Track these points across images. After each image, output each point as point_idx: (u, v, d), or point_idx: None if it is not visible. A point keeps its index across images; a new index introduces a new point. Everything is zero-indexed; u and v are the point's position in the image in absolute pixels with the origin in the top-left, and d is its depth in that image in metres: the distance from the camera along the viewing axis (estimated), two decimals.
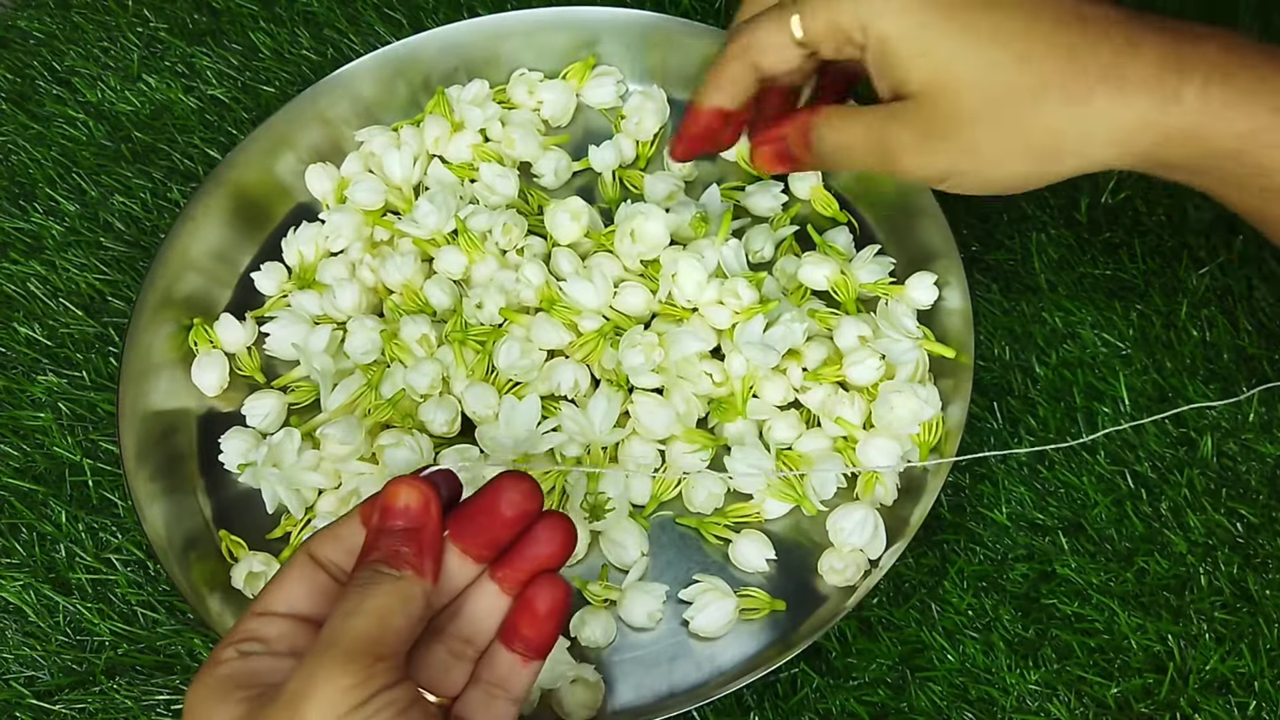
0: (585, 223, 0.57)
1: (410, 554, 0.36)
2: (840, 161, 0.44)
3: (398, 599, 0.35)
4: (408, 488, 0.36)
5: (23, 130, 0.67)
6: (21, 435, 0.57)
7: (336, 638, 0.33)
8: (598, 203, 0.61)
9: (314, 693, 0.32)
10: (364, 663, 0.33)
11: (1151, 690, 0.48)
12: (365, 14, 0.69)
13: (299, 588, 0.37)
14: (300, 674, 0.33)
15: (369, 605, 0.34)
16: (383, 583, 0.35)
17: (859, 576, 0.50)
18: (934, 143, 0.40)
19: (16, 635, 0.52)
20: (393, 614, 0.34)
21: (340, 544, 0.38)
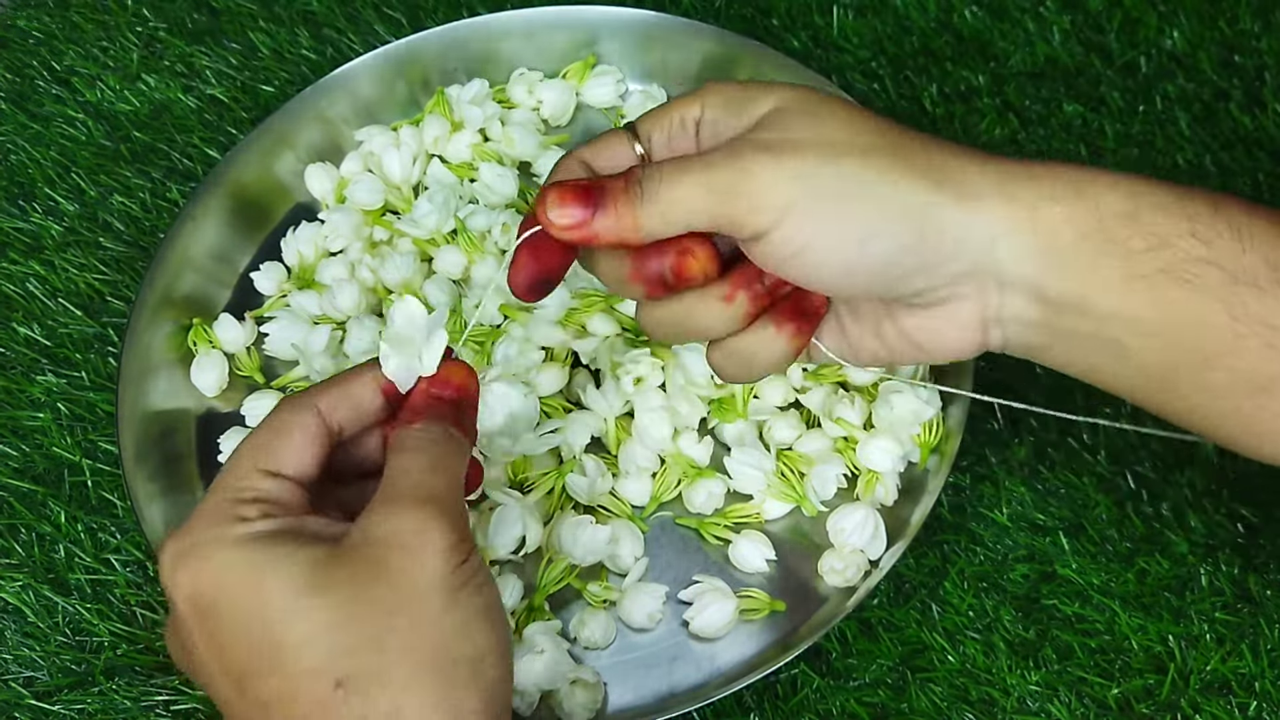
0: None
1: (466, 420, 0.38)
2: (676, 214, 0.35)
3: (462, 461, 0.36)
4: (466, 370, 0.38)
5: (22, 130, 0.67)
6: (20, 435, 0.57)
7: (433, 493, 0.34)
8: None
9: (430, 542, 0.33)
10: (460, 521, 0.34)
11: (1152, 691, 0.48)
12: (364, 13, 0.69)
13: (310, 450, 0.36)
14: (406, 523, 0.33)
15: (450, 464, 0.36)
16: (455, 443, 0.36)
17: (859, 577, 0.50)
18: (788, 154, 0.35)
19: (15, 636, 0.52)
20: (460, 476, 0.36)
21: (355, 408, 0.38)
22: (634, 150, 0.39)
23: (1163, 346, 0.35)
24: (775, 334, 0.38)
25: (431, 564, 0.33)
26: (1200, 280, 0.34)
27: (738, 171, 0.35)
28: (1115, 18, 0.66)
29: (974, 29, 0.67)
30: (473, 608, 0.34)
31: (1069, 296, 0.35)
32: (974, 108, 0.64)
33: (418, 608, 0.33)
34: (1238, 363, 0.34)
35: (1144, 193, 0.35)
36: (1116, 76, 0.64)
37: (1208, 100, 0.63)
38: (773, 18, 0.68)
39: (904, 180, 0.35)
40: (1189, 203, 0.35)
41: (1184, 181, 0.60)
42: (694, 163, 0.36)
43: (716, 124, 0.38)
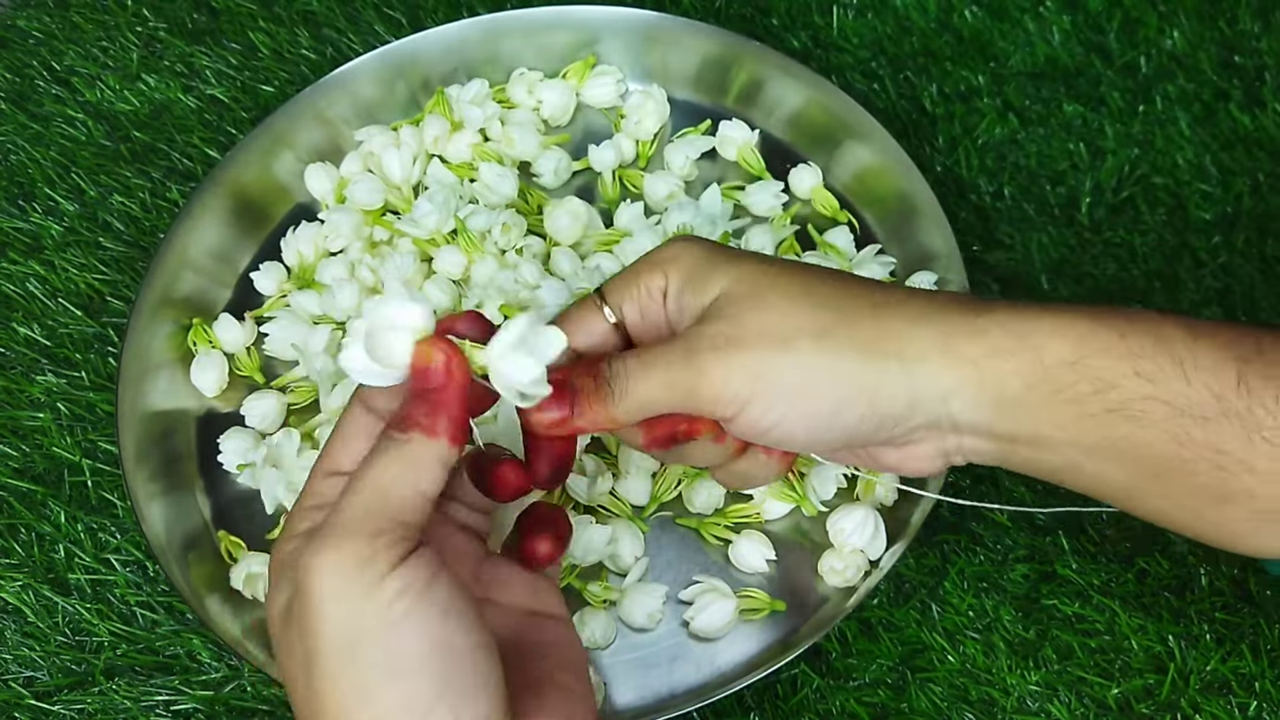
0: (585, 223, 0.57)
1: (422, 415, 0.34)
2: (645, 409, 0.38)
3: (401, 466, 0.33)
4: (432, 348, 0.34)
5: (22, 130, 0.67)
6: (20, 435, 0.57)
7: (333, 517, 0.32)
8: (597, 202, 0.61)
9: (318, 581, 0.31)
10: (362, 541, 0.32)
11: (1152, 691, 0.48)
12: (364, 13, 0.69)
13: (358, 442, 0.36)
14: (302, 559, 0.32)
15: (367, 478, 0.33)
16: (387, 450, 0.34)
17: (859, 577, 0.50)
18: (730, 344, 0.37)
19: (15, 636, 0.52)
20: (395, 484, 0.33)
21: (389, 391, 0.36)
22: (607, 321, 0.41)
23: (1119, 469, 0.36)
24: (765, 459, 0.41)
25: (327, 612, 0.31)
26: (1146, 416, 0.35)
27: (695, 372, 0.37)
28: (1115, 18, 0.66)
29: (974, 29, 0.67)
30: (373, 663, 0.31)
31: (1022, 434, 0.37)
32: (974, 108, 0.64)
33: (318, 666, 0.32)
34: (1190, 482, 0.36)
35: (1087, 336, 0.36)
36: (1116, 76, 0.64)
37: (1208, 100, 0.63)
38: (772, 17, 0.68)
39: (853, 362, 0.37)
40: (1133, 338, 0.36)
41: (1184, 181, 0.60)
42: (656, 362, 0.37)
43: (680, 296, 0.40)
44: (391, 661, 0.31)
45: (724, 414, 0.37)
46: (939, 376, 0.37)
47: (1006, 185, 0.61)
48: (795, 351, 0.37)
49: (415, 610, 0.32)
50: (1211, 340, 0.35)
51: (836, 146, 0.60)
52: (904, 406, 0.37)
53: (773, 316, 0.37)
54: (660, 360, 0.37)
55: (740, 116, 0.62)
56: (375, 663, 0.31)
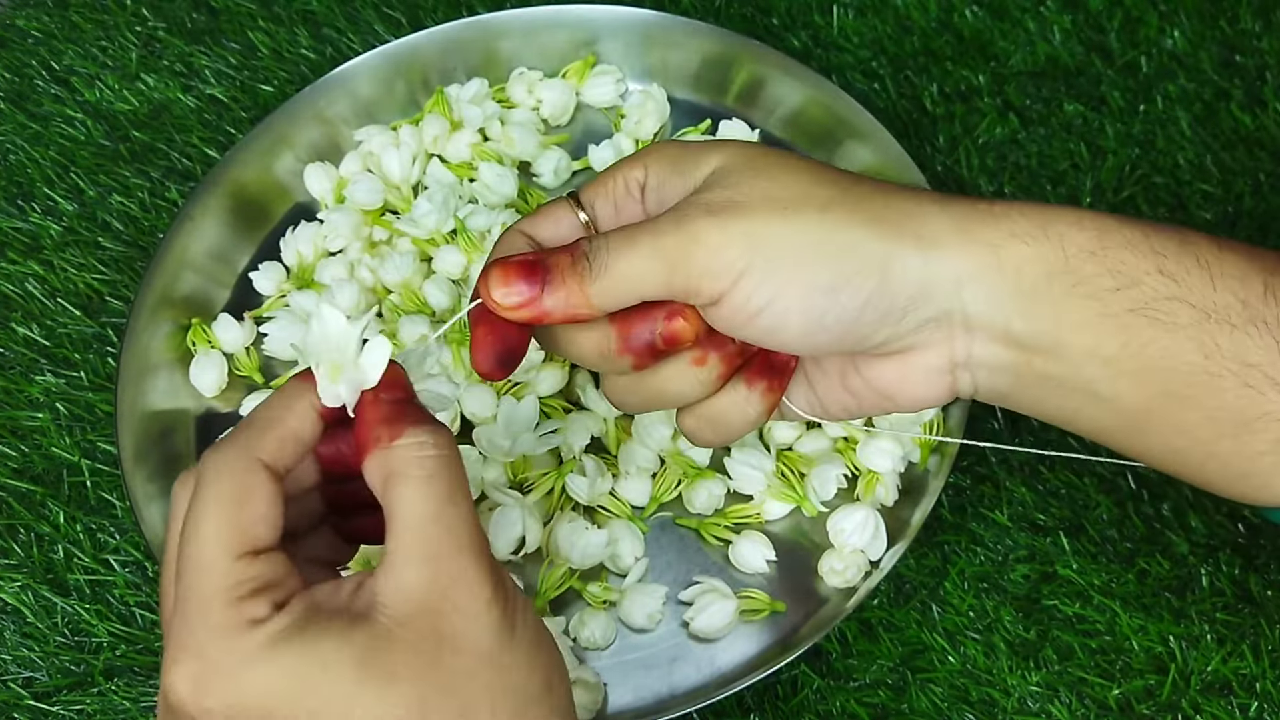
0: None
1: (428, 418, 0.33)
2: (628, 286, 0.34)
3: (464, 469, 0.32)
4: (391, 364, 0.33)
5: (21, 130, 0.67)
6: (19, 435, 0.57)
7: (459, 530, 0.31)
8: None
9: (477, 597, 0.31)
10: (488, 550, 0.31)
11: (1153, 691, 0.48)
12: (364, 13, 0.69)
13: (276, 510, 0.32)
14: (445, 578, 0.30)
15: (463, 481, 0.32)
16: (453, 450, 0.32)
17: (860, 578, 0.50)
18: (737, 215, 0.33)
19: (14, 636, 0.52)
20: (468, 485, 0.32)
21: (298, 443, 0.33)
22: (578, 219, 0.38)
23: (1137, 387, 0.34)
24: (747, 393, 0.37)
25: (486, 619, 0.30)
26: (1171, 319, 0.33)
27: (687, 238, 0.33)
28: (1116, 17, 0.66)
29: (974, 29, 0.67)
30: (528, 642, 0.31)
31: (1040, 338, 0.34)
32: (974, 107, 0.64)
33: (486, 670, 0.30)
34: (1214, 402, 0.33)
35: (1110, 230, 0.34)
36: (1117, 76, 0.64)
37: (1209, 100, 0.63)
38: (773, 17, 0.68)
39: (862, 230, 0.34)
40: (1156, 239, 0.34)
41: (1185, 181, 0.60)
42: (642, 231, 0.34)
43: (662, 187, 0.37)
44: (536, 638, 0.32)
45: (713, 289, 0.33)
46: (954, 259, 0.33)
47: (1007, 185, 0.61)
48: (799, 217, 0.33)
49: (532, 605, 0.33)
50: (1236, 251, 0.33)
51: (837, 146, 0.60)
52: (914, 288, 0.33)
53: (774, 185, 0.34)
54: (646, 229, 0.34)
55: (740, 116, 0.62)
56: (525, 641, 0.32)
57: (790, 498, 0.51)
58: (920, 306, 0.34)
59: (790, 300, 0.33)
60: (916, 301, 0.34)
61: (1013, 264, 0.34)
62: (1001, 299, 0.34)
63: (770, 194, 0.34)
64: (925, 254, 0.34)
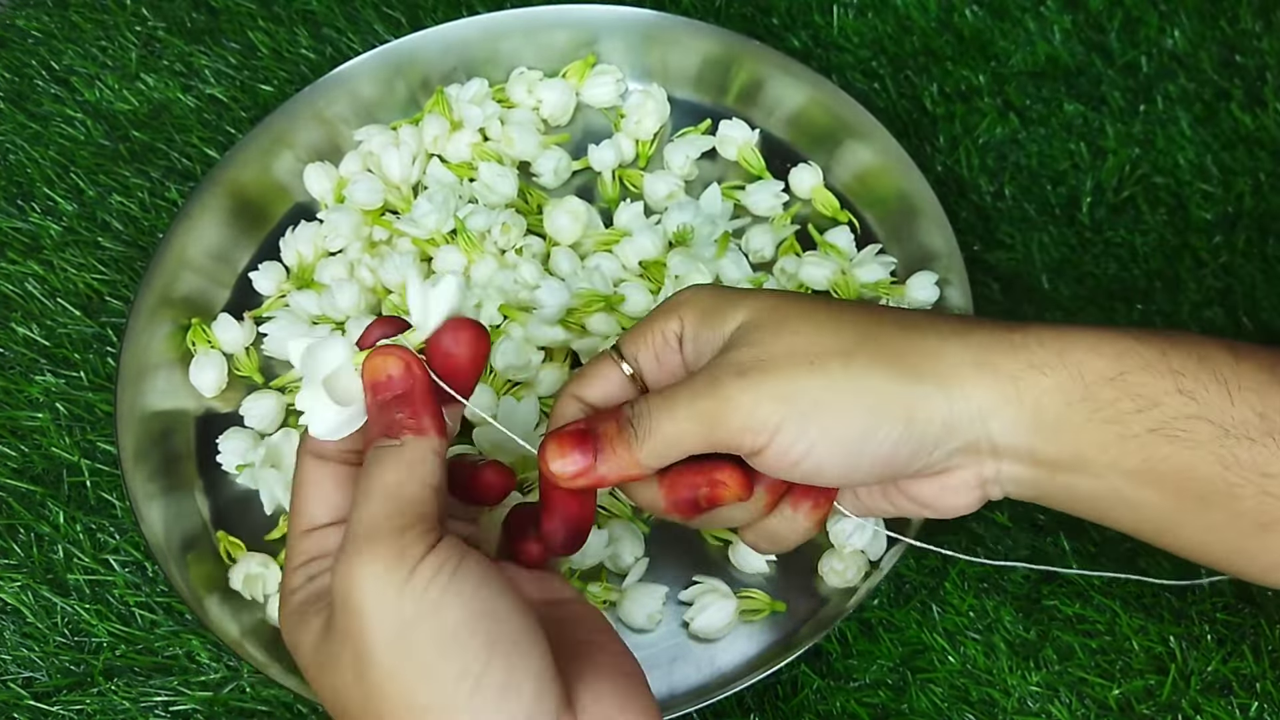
0: (584, 223, 0.57)
1: (406, 418, 0.35)
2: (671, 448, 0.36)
3: (405, 467, 0.34)
4: (384, 358, 0.35)
5: (20, 129, 0.66)
6: (19, 436, 0.57)
7: (353, 527, 0.33)
8: (597, 202, 0.61)
9: (358, 588, 0.32)
10: (388, 541, 0.32)
11: (1153, 691, 0.48)
12: (364, 13, 0.69)
13: (323, 490, 0.37)
14: (340, 574, 0.33)
15: (375, 485, 0.34)
16: (384, 458, 0.35)
17: (860, 578, 0.50)
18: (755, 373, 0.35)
19: (14, 636, 0.52)
20: (402, 484, 0.34)
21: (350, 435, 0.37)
22: (623, 373, 0.40)
23: (1161, 495, 0.36)
24: (793, 514, 0.40)
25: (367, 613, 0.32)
26: (1190, 436, 0.34)
27: (721, 401, 0.35)
28: (1116, 17, 0.66)
29: (974, 28, 0.67)
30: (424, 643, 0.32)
31: (1063, 458, 0.36)
32: (974, 107, 0.64)
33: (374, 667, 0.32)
34: (1235, 508, 0.35)
35: (1128, 352, 0.35)
36: (1117, 76, 0.64)
37: (1209, 100, 0.63)
38: (773, 17, 0.68)
39: (886, 377, 0.36)
40: (1174, 356, 0.35)
41: (1185, 181, 0.60)
42: (680, 395, 0.36)
43: (697, 339, 0.39)
44: (441, 637, 0.32)
45: (753, 444, 0.36)
46: (976, 395, 0.36)
47: (1007, 185, 0.61)
48: (824, 371, 0.35)
49: (451, 588, 0.32)
50: (1255, 360, 0.35)
51: (837, 146, 0.60)
52: (940, 427, 0.36)
53: (798, 339, 0.36)
54: (684, 393, 0.36)
55: (740, 116, 0.62)
56: (426, 642, 0.32)
57: None
58: (948, 440, 0.36)
59: (826, 449, 0.35)
60: (944, 438, 0.36)
61: (1033, 395, 0.35)
62: (1024, 429, 0.36)
63: (795, 348, 0.36)
64: (948, 393, 0.36)
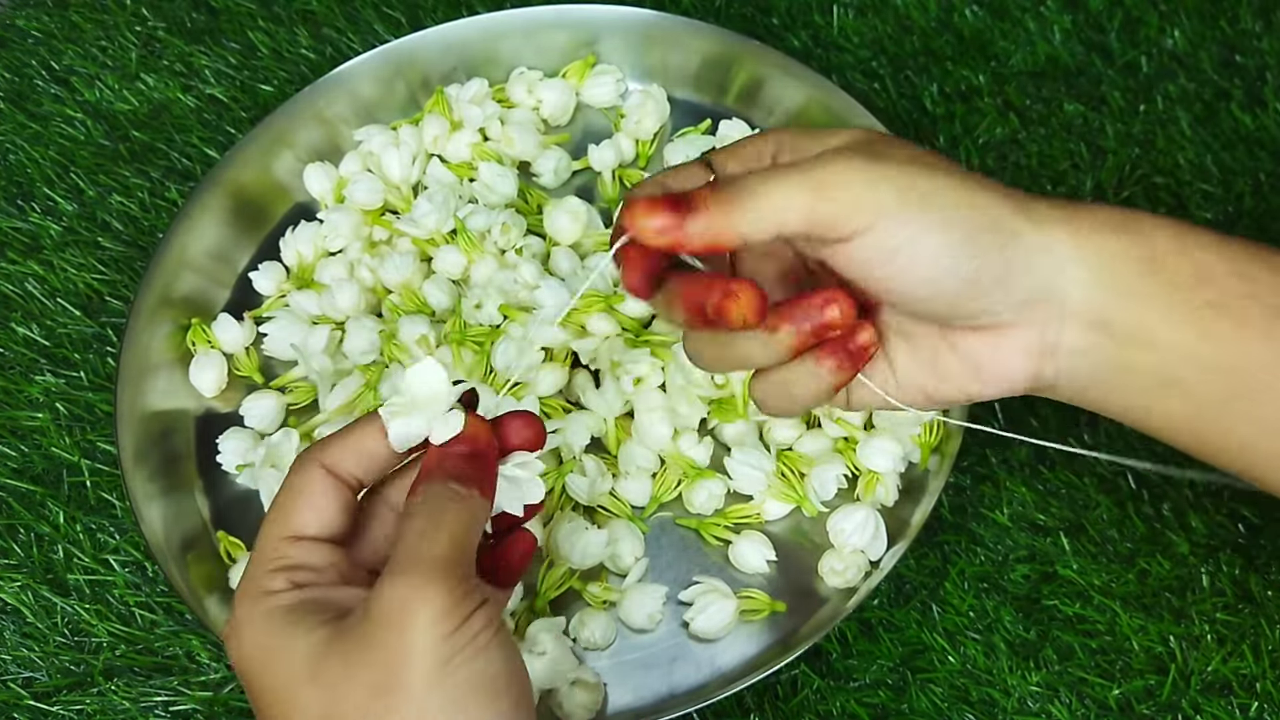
0: (584, 223, 0.57)
1: (475, 474, 0.36)
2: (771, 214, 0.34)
3: (469, 518, 0.35)
4: (473, 419, 0.37)
5: (20, 129, 0.66)
6: (19, 436, 0.57)
7: (421, 559, 0.33)
8: (597, 202, 0.61)
9: (414, 614, 0.32)
10: (454, 581, 0.33)
11: (1153, 691, 0.48)
12: (364, 13, 0.69)
13: (323, 504, 0.36)
14: (394, 593, 0.33)
15: (447, 523, 0.34)
16: (456, 500, 0.35)
17: (860, 578, 0.50)
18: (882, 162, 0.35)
19: (14, 636, 0.52)
20: (467, 533, 0.35)
21: (362, 457, 0.37)
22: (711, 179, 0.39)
23: (1217, 379, 0.35)
24: (815, 368, 0.38)
25: (418, 638, 0.32)
26: (1244, 314, 0.35)
27: (833, 173, 0.34)
28: (1116, 17, 0.66)
29: (974, 28, 0.66)
30: (464, 681, 0.32)
31: (1132, 327, 0.36)
32: (974, 107, 0.64)
33: (400, 689, 0.32)
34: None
35: (1189, 232, 0.36)
36: (1117, 76, 0.64)
37: (1209, 100, 0.63)
38: (773, 17, 0.68)
39: (993, 199, 0.36)
40: (1229, 245, 0.36)
41: (1185, 181, 0.60)
42: (788, 170, 0.35)
43: (795, 150, 0.39)
44: (481, 683, 0.33)
45: (857, 223, 0.34)
46: (1060, 243, 0.36)
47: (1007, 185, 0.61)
48: (943, 175, 0.35)
49: (495, 642, 0.33)
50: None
51: None
52: (1025, 264, 0.35)
53: (908, 150, 0.37)
54: (794, 168, 0.35)
55: (740, 116, 0.62)
56: (465, 683, 0.32)
57: (790, 498, 0.51)
58: (1029, 280, 0.36)
59: (922, 248, 0.35)
60: (1026, 274, 0.36)
61: (1108, 254, 0.36)
62: (1098, 286, 0.36)
63: (912, 154, 0.36)
64: (1040, 232, 0.36)
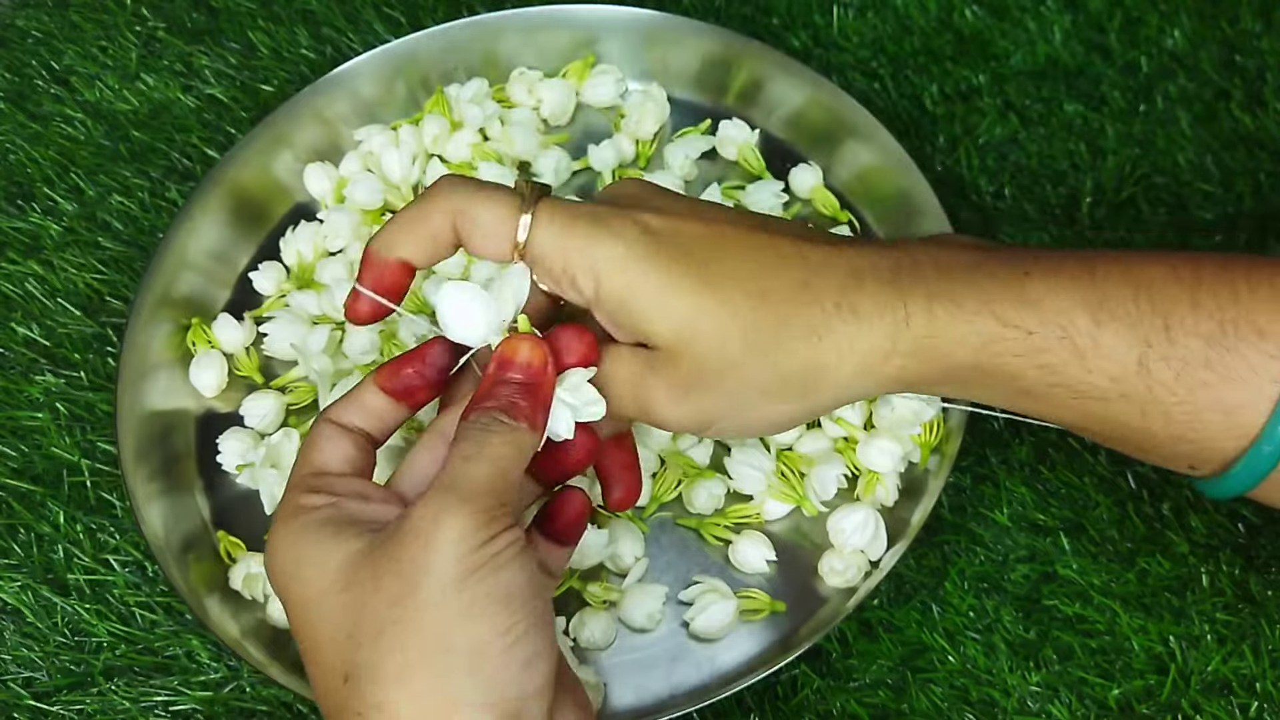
0: None
1: (527, 407, 0.37)
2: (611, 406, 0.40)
3: (514, 449, 0.36)
4: (530, 344, 0.38)
5: (20, 129, 0.66)
6: (19, 436, 0.57)
7: (459, 480, 0.35)
8: None
9: (443, 526, 0.34)
10: (487, 504, 0.34)
11: (1153, 691, 0.48)
12: (364, 12, 0.69)
13: (341, 445, 0.39)
14: (426, 510, 0.34)
15: (490, 452, 0.36)
16: (503, 431, 0.36)
17: (860, 578, 0.50)
18: (690, 395, 0.39)
19: (14, 636, 0.52)
20: (511, 463, 0.36)
21: (363, 409, 0.40)
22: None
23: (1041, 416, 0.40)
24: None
25: (441, 551, 0.33)
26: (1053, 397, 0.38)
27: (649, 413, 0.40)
28: (1116, 17, 0.66)
29: (974, 28, 0.67)
30: (481, 593, 0.33)
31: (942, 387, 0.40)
32: (974, 107, 0.64)
33: (418, 596, 0.33)
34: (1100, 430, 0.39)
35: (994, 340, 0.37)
36: (1117, 76, 0.64)
37: (1209, 100, 0.63)
38: (773, 17, 0.68)
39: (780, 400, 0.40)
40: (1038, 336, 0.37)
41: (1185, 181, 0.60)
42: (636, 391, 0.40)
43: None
44: (498, 594, 0.34)
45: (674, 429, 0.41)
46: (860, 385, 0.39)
47: (1007, 185, 0.61)
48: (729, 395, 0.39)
49: (517, 560, 0.35)
50: (1116, 324, 0.37)
51: (837, 146, 0.60)
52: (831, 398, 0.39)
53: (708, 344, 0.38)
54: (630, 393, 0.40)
55: (740, 116, 0.62)
56: (483, 593, 0.34)
57: (790, 498, 0.51)
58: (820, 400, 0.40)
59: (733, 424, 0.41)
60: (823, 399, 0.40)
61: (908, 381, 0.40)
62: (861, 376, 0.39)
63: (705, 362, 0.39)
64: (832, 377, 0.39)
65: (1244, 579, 0.50)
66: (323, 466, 0.39)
